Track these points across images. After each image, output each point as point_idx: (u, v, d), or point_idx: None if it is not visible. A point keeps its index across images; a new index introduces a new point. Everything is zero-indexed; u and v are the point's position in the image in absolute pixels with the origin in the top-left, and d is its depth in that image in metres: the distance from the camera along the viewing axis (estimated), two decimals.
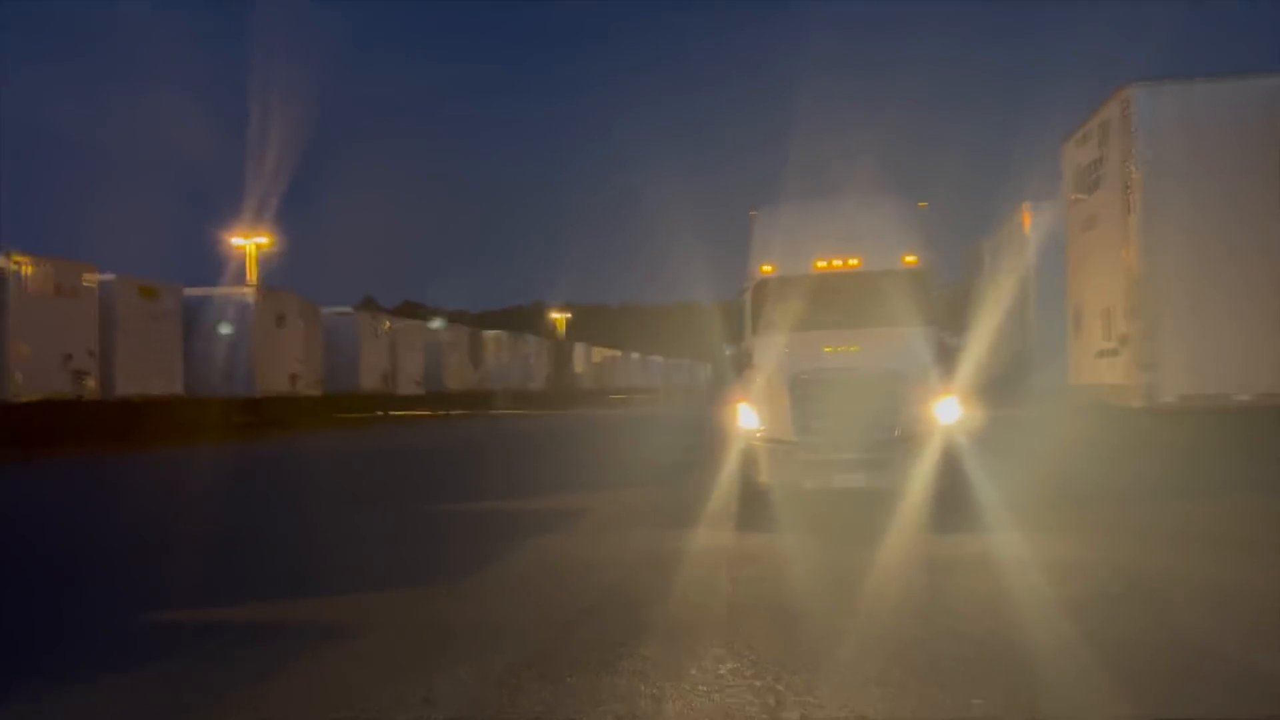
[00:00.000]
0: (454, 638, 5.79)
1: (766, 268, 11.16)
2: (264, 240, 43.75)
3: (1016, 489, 10.21)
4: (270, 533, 10.79)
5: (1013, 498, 9.68)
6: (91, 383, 23.44)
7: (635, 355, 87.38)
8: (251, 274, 41.91)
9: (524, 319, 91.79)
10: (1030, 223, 14.64)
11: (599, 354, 74.32)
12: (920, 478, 9.36)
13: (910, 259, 10.80)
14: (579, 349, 69.53)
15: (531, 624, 6.08)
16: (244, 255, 42.61)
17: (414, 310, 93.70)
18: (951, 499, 9.23)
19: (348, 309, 39.21)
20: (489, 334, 52.68)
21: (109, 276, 24.51)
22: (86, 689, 5.03)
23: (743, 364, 10.99)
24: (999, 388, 15.67)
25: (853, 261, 10.98)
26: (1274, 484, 10.04)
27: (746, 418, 10.10)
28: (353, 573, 7.97)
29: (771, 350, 10.46)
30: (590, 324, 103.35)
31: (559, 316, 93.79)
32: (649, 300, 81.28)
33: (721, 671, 4.95)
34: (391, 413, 40.81)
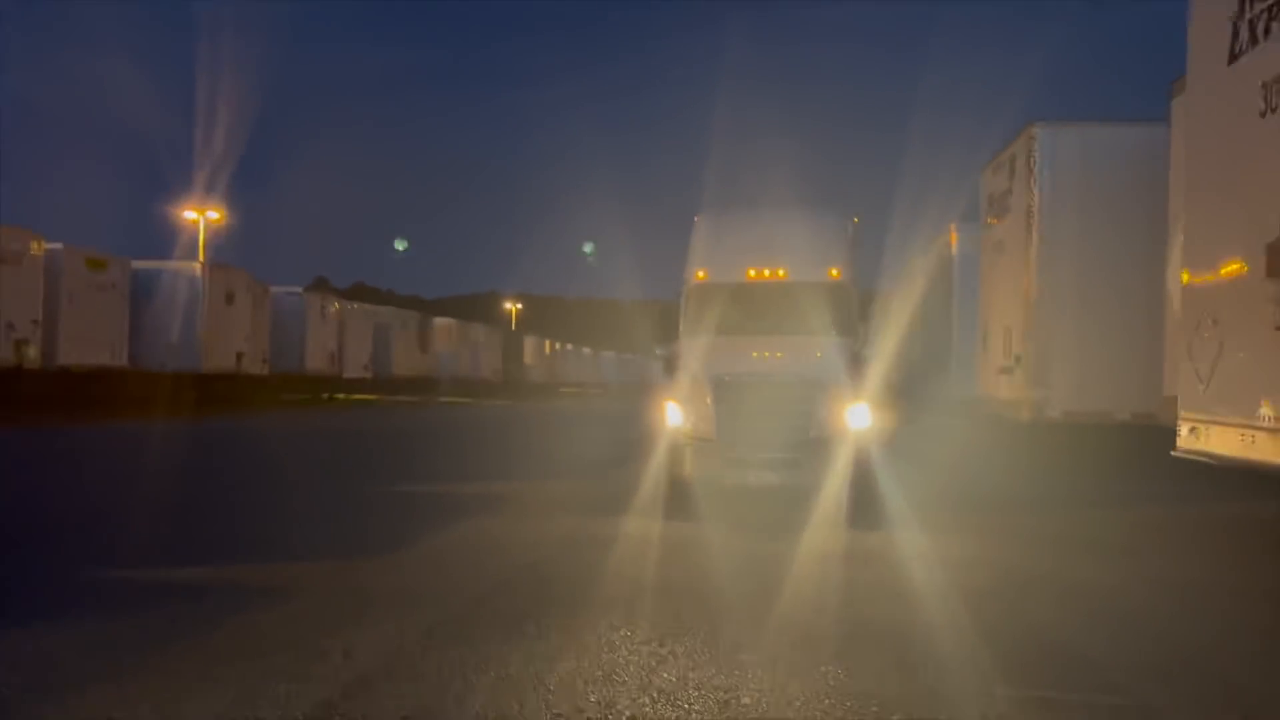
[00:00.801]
0: (375, 603, 6.31)
1: (700, 274, 11.78)
2: (215, 215, 43.54)
3: (919, 492, 10.91)
4: (210, 506, 11.21)
5: (915, 500, 10.38)
6: (33, 352, 23.43)
7: (586, 350, 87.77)
8: (201, 249, 41.74)
9: (478, 307, 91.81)
10: (956, 242, 15.44)
11: (550, 346, 74.62)
12: (832, 478, 10.02)
13: (835, 273, 11.47)
14: (530, 341, 69.81)
15: (448, 594, 6.63)
16: (193, 229, 42.37)
17: (367, 293, 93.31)
18: (860, 499, 9.87)
19: (296, 289, 39.24)
20: (439, 321, 52.85)
21: (56, 246, 24.48)
22: (33, 637, 5.48)
23: (672, 364, 11.61)
24: (923, 397, 16.45)
25: (780, 272, 11.63)
26: (1141, 497, 10.89)
27: (673, 415, 10.71)
28: (287, 544, 8.45)
29: (698, 353, 11.07)
30: (546, 316, 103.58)
31: (512, 306, 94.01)
32: (605, 295, 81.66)
33: (614, 638, 5.53)
34: (336, 395, 40.92)
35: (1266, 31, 6.96)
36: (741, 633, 5.70)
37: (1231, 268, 7.49)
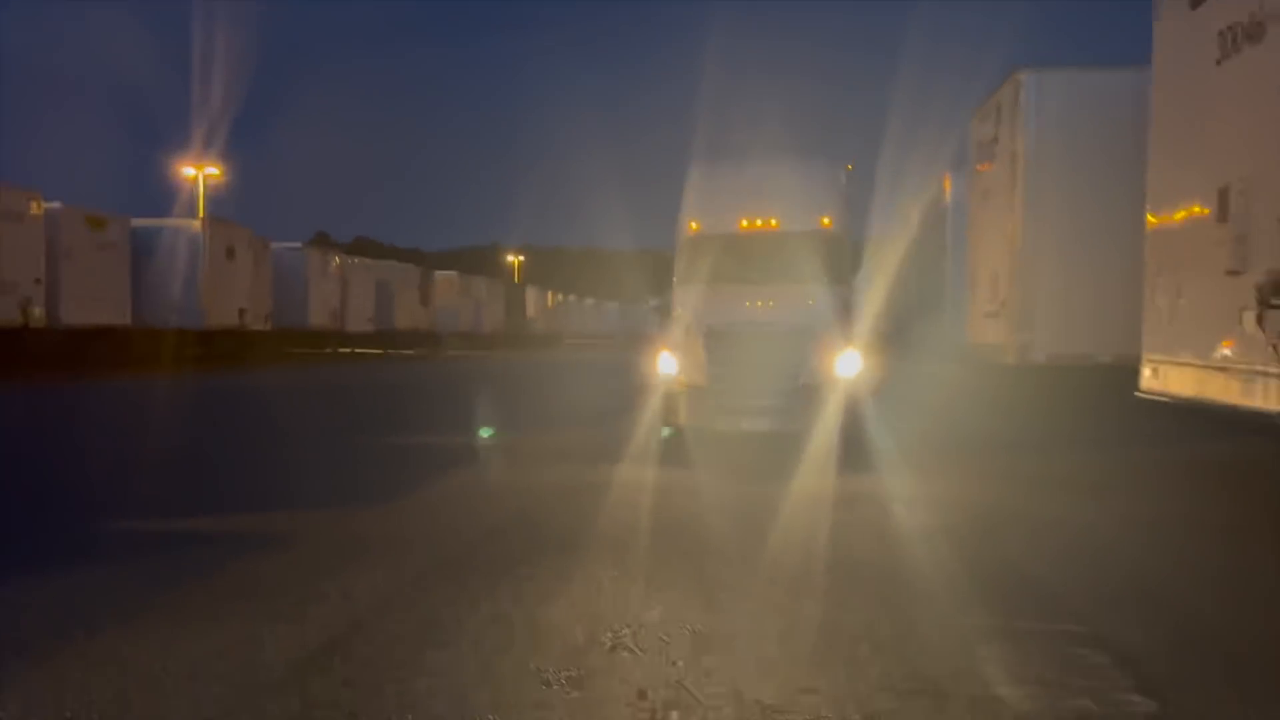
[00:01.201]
0: (371, 549, 6.56)
1: (694, 224, 11.89)
2: (214, 171, 43.46)
3: (906, 436, 11.13)
4: (213, 459, 11.48)
5: (902, 444, 10.60)
6: (38, 311, 23.64)
7: (590, 301, 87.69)
8: (200, 205, 41.74)
9: (481, 260, 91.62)
10: (949, 189, 15.50)
11: (552, 298, 74.61)
12: (822, 424, 10.24)
13: (826, 221, 11.56)
14: (532, 292, 69.76)
15: (443, 539, 6.88)
16: (192, 186, 42.33)
17: (368, 247, 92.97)
18: (849, 443, 10.09)
19: (297, 244, 39.30)
20: (440, 274, 52.85)
21: (56, 205, 24.56)
22: (45, 583, 5.73)
23: (666, 314, 11.81)
24: (917, 342, 16.61)
25: (773, 222, 11.72)
26: (1116, 438, 11.08)
27: (666, 364, 10.94)
28: (287, 495, 8.70)
29: (691, 302, 11.26)
30: (549, 267, 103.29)
31: (514, 259, 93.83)
32: (609, 246, 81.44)
33: (603, 579, 5.77)
34: (340, 350, 41.17)
35: None
36: (726, 572, 5.95)
37: (1189, 212, 7.65)
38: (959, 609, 5.15)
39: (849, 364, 10.49)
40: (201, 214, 40.33)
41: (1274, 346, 6.21)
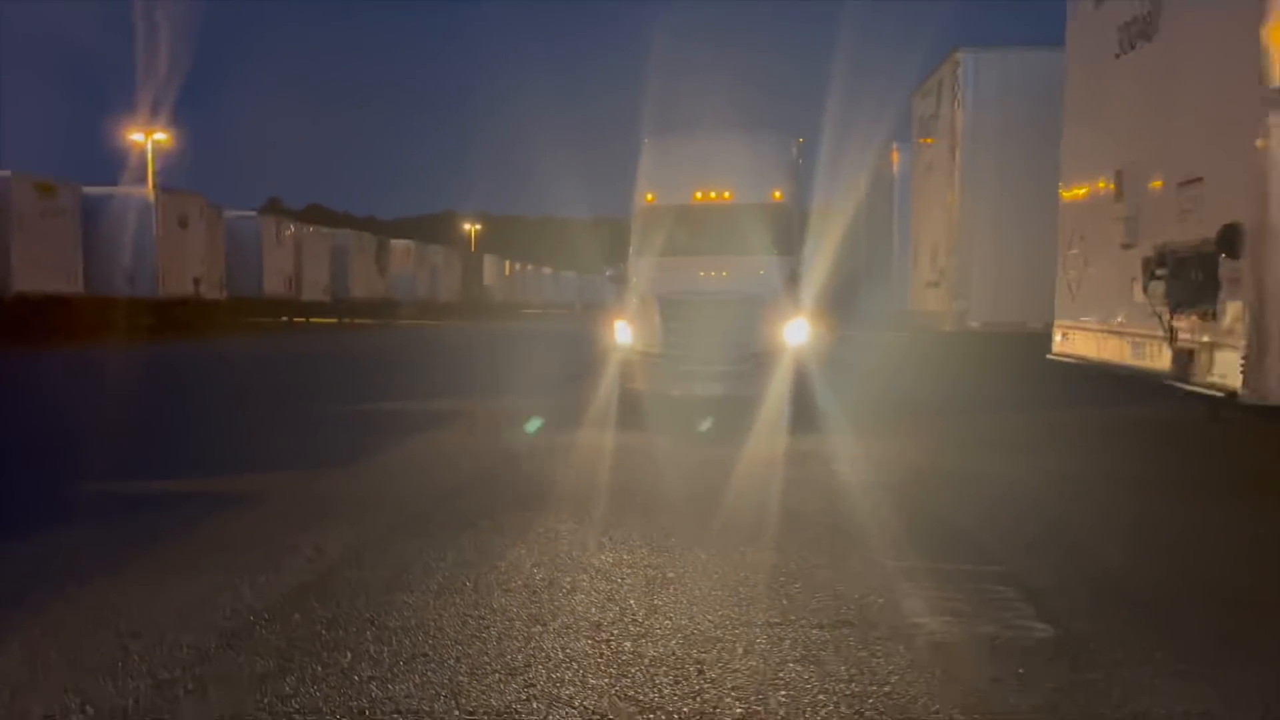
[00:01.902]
0: (340, 506, 6.89)
1: (649, 196, 12.19)
2: (162, 137, 42.86)
3: (851, 400, 11.64)
4: (179, 426, 11.70)
5: (847, 407, 11.10)
6: None
7: (548, 270, 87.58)
8: (151, 172, 41.18)
9: (436, 228, 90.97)
10: (897, 161, 15.97)
11: (510, 267, 74.46)
12: (772, 389, 10.69)
13: (777, 194, 11.93)
14: (489, 261, 69.59)
15: (407, 498, 7.23)
16: (140, 152, 41.72)
17: (322, 215, 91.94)
18: (798, 407, 10.55)
19: (251, 212, 38.98)
20: (396, 243, 52.58)
21: (4, 173, 24.25)
22: (29, 541, 6.01)
23: (622, 284, 12.12)
24: (865, 310, 17.13)
25: (725, 195, 12.07)
26: (1045, 400, 11.65)
27: (623, 332, 11.30)
28: (255, 458, 8.98)
29: (647, 272, 11.59)
30: (507, 236, 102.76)
31: (470, 227, 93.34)
32: (567, 214, 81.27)
33: (560, 530, 6.17)
34: (295, 319, 41.00)
35: None
36: (676, 522, 6.37)
37: (1092, 191, 8.23)
38: (889, 553, 5.62)
39: (798, 331, 10.92)
40: (151, 181, 39.85)
41: (1158, 314, 6.75)
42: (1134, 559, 5.69)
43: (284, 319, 40.17)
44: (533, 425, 10.88)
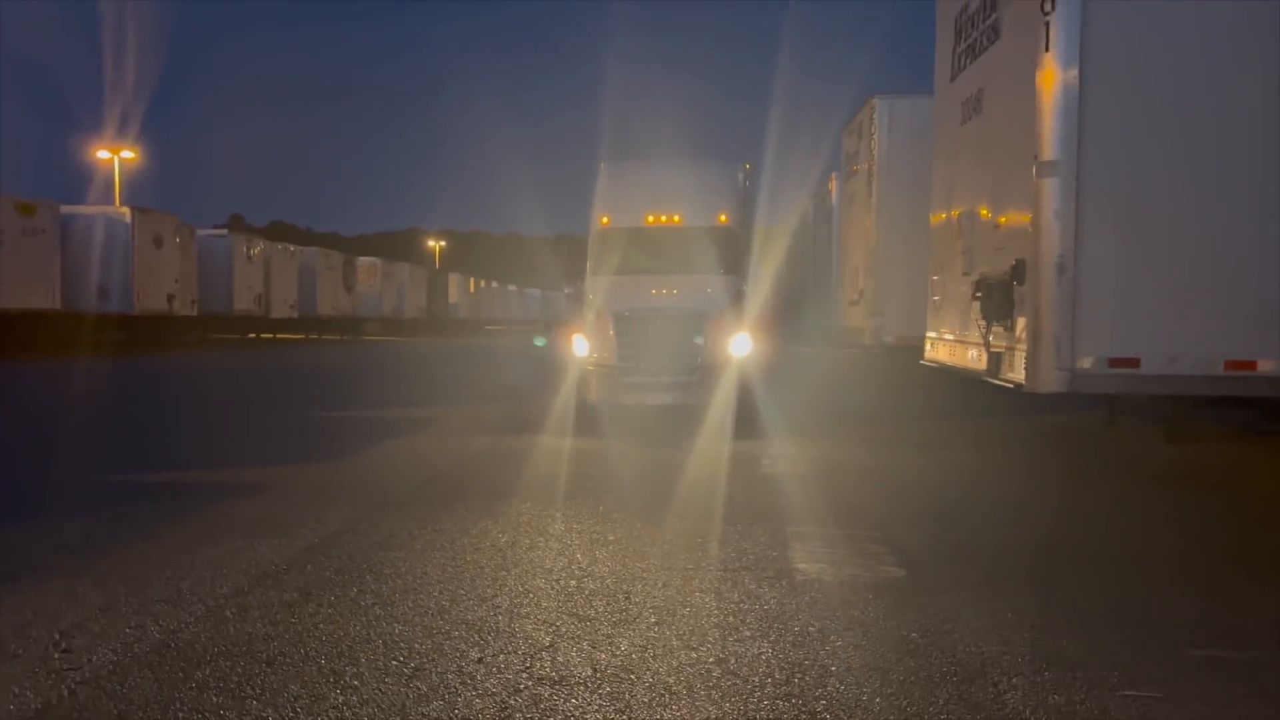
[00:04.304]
0: (332, 492, 8.01)
1: (604, 219, 13.29)
2: (129, 155, 43.52)
3: (789, 408, 12.85)
4: (170, 429, 12.72)
5: (785, 414, 12.28)
6: None
7: (512, 287, 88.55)
8: (118, 190, 41.83)
9: (400, 245, 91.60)
10: (835, 190, 17.32)
11: (474, 284, 75.38)
12: (718, 398, 11.84)
13: (724, 218, 13.08)
14: (454, 278, 70.46)
15: (390, 485, 8.36)
16: (103, 169, 42.35)
17: (285, 231, 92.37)
18: (741, 415, 11.59)
19: (223, 231, 39.78)
20: (363, 260, 53.43)
21: None
22: (49, 526, 7.07)
23: (579, 301, 13.23)
24: (805, 326, 18.42)
25: (676, 218, 13.21)
26: (954, 407, 12.86)
27: (580, 346, 12.37)
28: (247, 455, 10.06)
29: (602, 290, 12.68)
30: (471, 253, 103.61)
31: (435, 244, 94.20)
32: (531, 231, 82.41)
33: (521, 509, 7.33)
34: (264, 335, 41.79)
35: (965, 66, 9.06)
36: (620, 503, 7.55)
37: (946, 230, 9.76)
38: (791, 523, 6.85)
39: (741, 345, 12.00)
40: (118, 198, 40.53)
41: (979, 327, 8.16)
42: (993, 527, 6.94)
43: (253, 335, 40.95)
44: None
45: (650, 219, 13.19)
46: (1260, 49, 6.71)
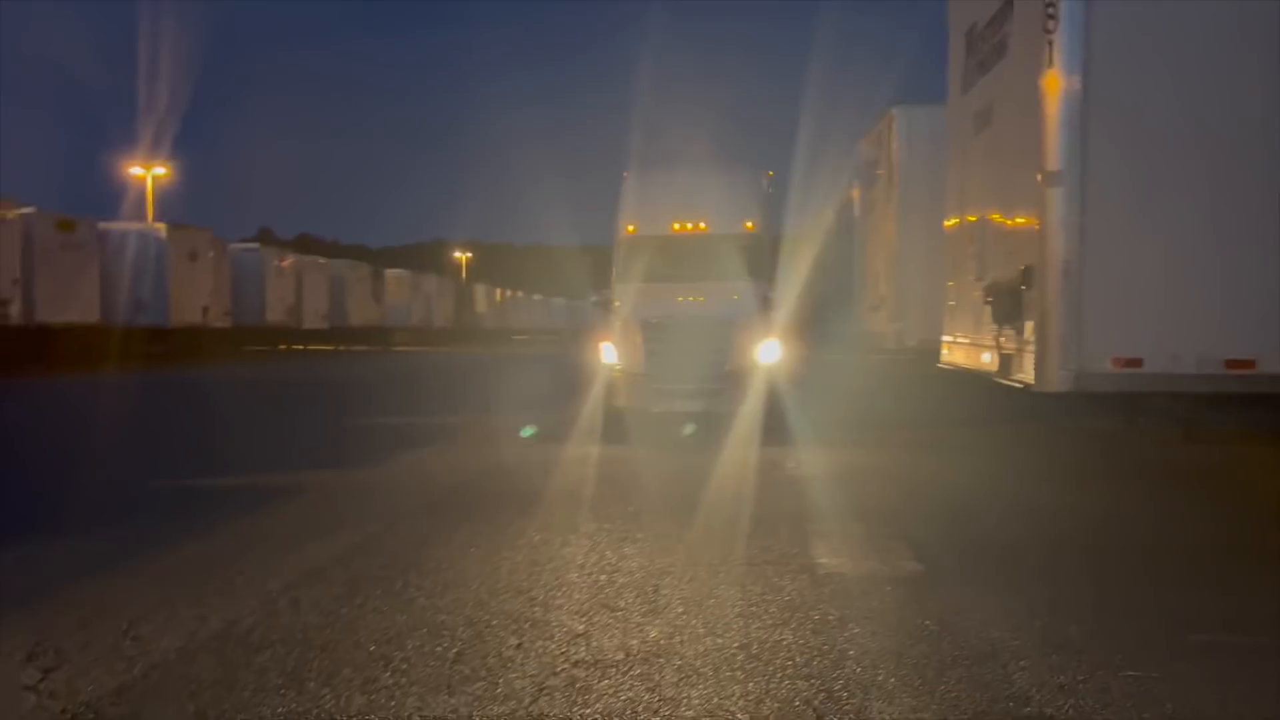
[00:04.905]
0: (370, 494, 8.37)
1: (630, 227, 13.31)
2: (161, 171, 44.38)
3: (816, 414, 12.98)
4: (212, 438, 13.12)
5: (813, 420, 12.32)
6: (15, 310, 24.86)
7: (538, 296, 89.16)
8: (150, 206, 42.70)
9: (425, 256, 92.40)
10: (857, 198, 17.55)
11: (500, 294, 76.02)
12: (746, 405, 11.94)
13: (750, 225, 13.13)
14: (480, 289, 71.15)
15: (425, 489, 8.68)
16: (135, 184, 43.21)
17: (312, 244, 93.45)
18: (769, 421, 11.61)
19: (254, 245, 40.53)
20: (391, 272, 54.11)
21: (28, 210, 25.73)
22: (128, 523, 7.45)
23: (607, 308, 13.40)
24: (830, 332, 18.58)
25: (702, 225, 13.27)
26: (979, 412, 12.85)
27: (608, 354, 12.46)
28: (287, 462, 10.42)
29: (629, 298, 12.70)
30: (496, 263, 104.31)
31: (461, 255, 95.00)
32: (556, 241, 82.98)
33: (554, 509, 7.60)
34: (296, 346, 42.45)
35: (976, 80, 9.35)
36: (649, 505, 7.82)
37: (961, 235, 10.01)
38: (813, 523, 7.10)
39: (769, 352, 12.07)
40: (150, 214, 41.35)
41: (992, 330, 8.43)
42: (1008, 525, 7.16)
43: (284, 346, 41.61)
44: (528, 431, 12.19)
45: (676, 226, 13.16)
46: (1258, 58, 6.94)
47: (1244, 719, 3.77)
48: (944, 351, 11.15)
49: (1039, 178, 7.06)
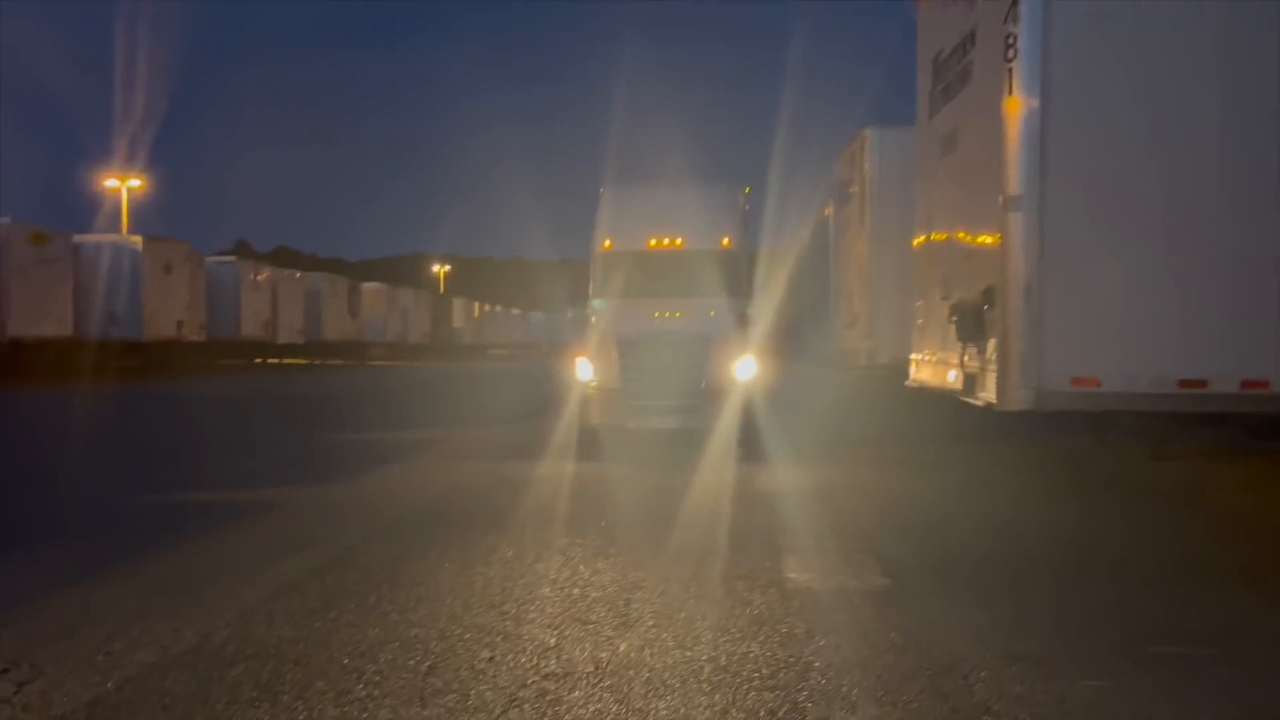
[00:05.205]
0: (346, 509, 8.40)
1: (607, 243, 13.14)
2: (137, 183, 44.19)
3: (791, 431, 13.06)
4: (188, 453, 13.08)
5: (789, 437, 12.34)
6: None
7: (516, 311, 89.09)
8: (125, 218, 42.48)
9: (404, 269, 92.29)
10: (832, 216, 17.76)
11: (479, 309, 75.91)
12: (722, 421, 11.94)
13: (726, 241, 13.10)
14: (459, 303, 71.02)
15: (400, 504, 8.72)
16: (110, 196, 43.03)
17: (289, 256, 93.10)
18: (745, 438, 11.67)
19: (230, 259, 40.37)
20: (368, 286, 54.00)
21: (2, 221, 25.57)
22: (79, 543, 7.45)
23: (583, 324, 13.40)
24: (806, 349, 18.75)
25: (678, 241, 13.26)
26: (948, 429, 12.92)
27: (583, 369, 12.35)
28: (265, 476, 10.44)
29: (606, 314, 12.67)
30: (475, 277, 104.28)
31: (440, 269, 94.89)
32: (534, 256, 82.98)
33: (526, 524, 7.67)
34: (271, 360, 42.29)
35: (941, 106, 9.63)
36: (621, 519, 7.90)
37: (928, 255, 10.27)
38: (785, 538, 7.20)
39: (745, 369, 12.06)
40: (125, 227, 41.17)
41: (955, 348, 8.64)
42: (976, 540, 7.27)
43: (259, 360, 41.44)
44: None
45: (653, 242, 13.10)
46: (1214, 87, 7.20)
47: None
48: (912, 369, 11.35)
49: (1001, 201, 7.26)
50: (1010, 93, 7.16)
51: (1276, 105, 7.09)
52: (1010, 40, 7.08)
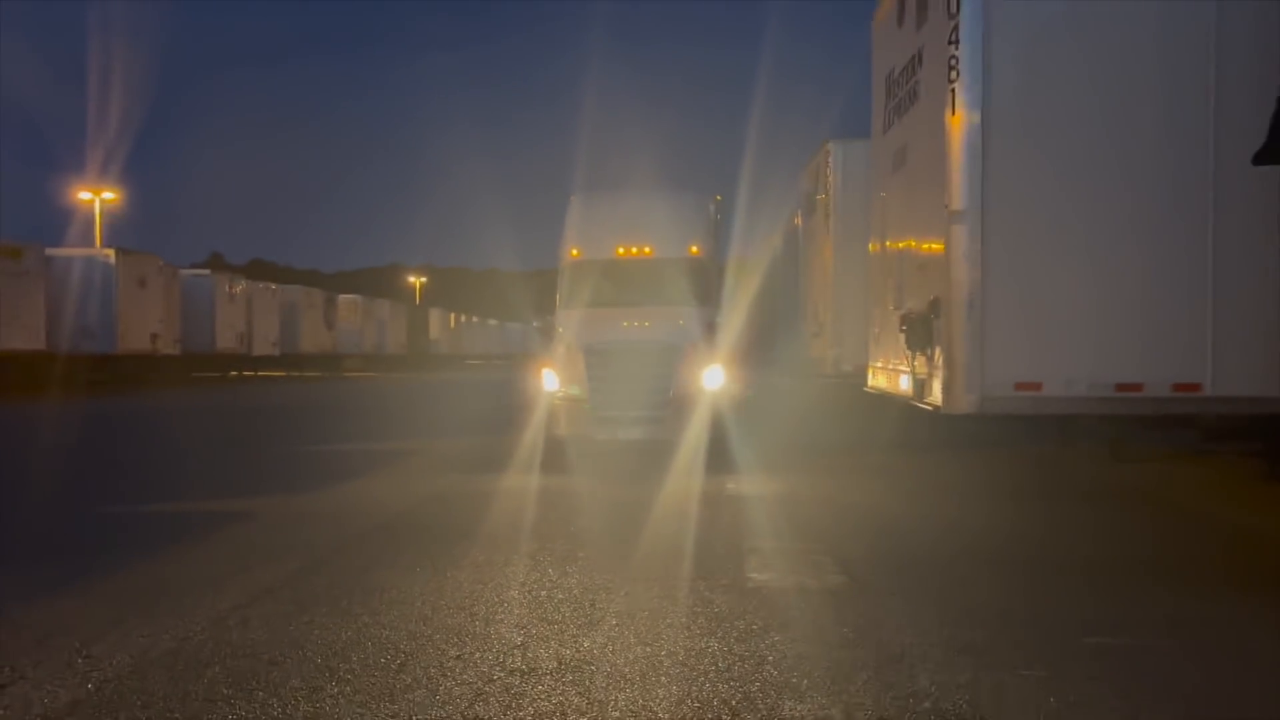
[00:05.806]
0: (319, 519, 8.53)
1: (575, 251, 13.15)
2: (111, 196, 44.09)
3: (759, 441, 13.19)
4: (164, 464, 13.17)
5: (756, 447, 12.42)
6: None
7: (493, 321, 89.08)
8: (99, 231, 42.35)
9: (381, 280, 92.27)
10: (801, 226, 18.03)
11: (455, 319, 75.88)
12: (690, 432, 12.02)
13: (695, 249, 13.11)
14: (435, 314, 70.98)
15: (372, 512, 8.88)
16: (83, 209, 42.91)
17: (264, 268, 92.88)
18: (713, 448, 11.68)
19: (205, 271, 40.29)
20: (343, 298, 53.97)
21: None
22: (53, 553, 7.57)
23: (550, 334, 13.36)
24: (775, 358, 18.96)
25: (647, 250, 13.25)
26: (907, 436, 12.99)
27: (550, 380, 12.27)
28: (239, 487, 10.53)
29: (573, 323, 12.57)
30: (452, 288, 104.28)
31: (416, 280, 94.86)
32: (511, 266, 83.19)
33: (497, 532, 7.86)
34: (246, 373, 42.20)
35: (893, 122, 9.99)
36: (589, 525, 8.11)
37: (882, 265, 10.65)
38: (747, 540, 7.42)
39: (714, 378, 12.06)
40: (99, 239, 41.05)
41: (907, 356, 8.96)
42: (931, 541, 7.53)
43: (235, 373, 41.34)
44: None
45: (621, 251, 13.11)
46: (1148, 106, 7.57)
47: (1117, 710, 4.12)
48: (869, 376, 11.63)
49: (945, 214, 7.58)
50: (953, 111, 7.48)
51: (1211, 118, 7.44)
52: (953, 62, 7.41)
